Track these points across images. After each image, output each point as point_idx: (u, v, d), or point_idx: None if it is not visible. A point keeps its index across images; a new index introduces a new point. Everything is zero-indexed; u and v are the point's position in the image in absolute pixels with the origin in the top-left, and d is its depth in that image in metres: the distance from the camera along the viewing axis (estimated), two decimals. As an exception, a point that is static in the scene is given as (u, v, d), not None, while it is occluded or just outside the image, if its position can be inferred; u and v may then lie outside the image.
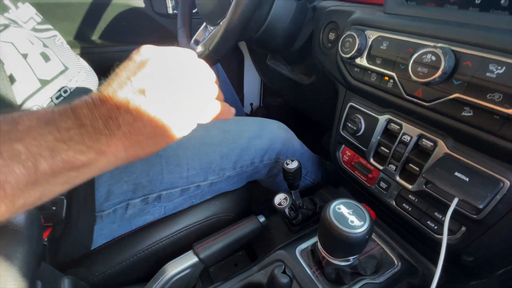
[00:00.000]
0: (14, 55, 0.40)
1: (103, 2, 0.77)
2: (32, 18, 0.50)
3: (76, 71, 0.49)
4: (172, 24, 0.88)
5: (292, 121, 1.13)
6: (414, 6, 0.37)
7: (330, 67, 0.52)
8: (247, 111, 1.22)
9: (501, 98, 0.27)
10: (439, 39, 0.32)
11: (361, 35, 0.41)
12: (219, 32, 0.46)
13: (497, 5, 0.30)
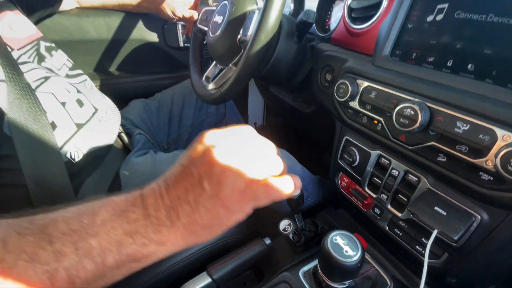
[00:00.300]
0: (54, 104, 0.47)
1: (121, 38, 0.84)
2: (64, 64, 0.57)
3: (104, 111, 0.56)
4: (183, 56, 0.95)
5: (293, 139, 1.19)
6: (397, 62, 0.43)
7: (328, 104, 0.58)
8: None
9: (467, 150, 0.33)
10: (418, 94, 0.39)
11: (353, 83, 0.47)
12: (231, 79, 0.52)
13: (465, 69, 0.36)
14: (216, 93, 0.58)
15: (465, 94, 0.34)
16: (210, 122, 0.90)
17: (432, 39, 0.39)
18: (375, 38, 0.47)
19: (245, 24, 0.55)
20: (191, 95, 0.84)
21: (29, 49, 0.51)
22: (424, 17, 0.40)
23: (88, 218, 0.21)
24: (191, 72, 0.74)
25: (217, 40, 0.60)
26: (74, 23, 0.78)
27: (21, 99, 0.41)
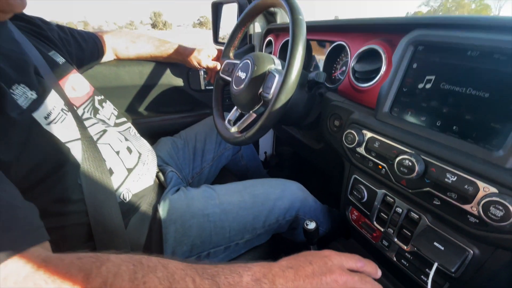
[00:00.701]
0: (111, 154, 0.56)
1: (151, 83, 0.96)
2: (112, 113, 0.67)
3: (146, 155, 0.65)
4: (204, 96, 1.07)
5: (301, 167, 1.27)
6: (396, 118, 0.52)
7: (337, 146, 0.67)
8: (262, 158, 1.37)
9: (456, 197, 0.41)
10: (414, 148, 0.47)
11: (359, 133, 0.56)
12: (255, 128, 0.61)
13: (451, 129, 0.45)
14: (241, 137, 0.67)
15: (452, 151, 0.43)
16: (228, 155, 0.99)
17: (423, 102, 0.48)
18: (376, 95, 0.57)
19: (266, 82, 0.65)
20: (211, 132, 0.94)
21: (87, 105, 0.61)
22: (416, 84, 0.49)
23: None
24: (214, 115, 0.84)
25: (241, 93, 0.71)
26: (112, 72, 0.90)
27: (88, 151, 0.50)
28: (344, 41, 0.71)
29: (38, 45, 0.56)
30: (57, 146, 0.45)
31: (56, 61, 0.58)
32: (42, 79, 0.48)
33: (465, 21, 0.44)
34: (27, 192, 0.37)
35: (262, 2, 0.70)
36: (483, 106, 0.41)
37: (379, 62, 0.58)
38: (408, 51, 0.50)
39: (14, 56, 0.45)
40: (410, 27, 0.52)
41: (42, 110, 0.44)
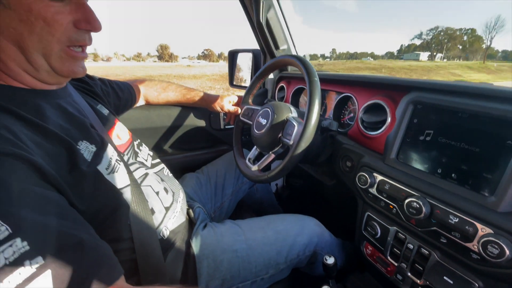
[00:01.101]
0: (152, 194, 0.63)
1: (177, 124, 1.07)
2: (149, 155, 0.76)
3: (177, 193, 0.73)
4: (224, 135, 1.18)
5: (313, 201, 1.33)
6: (402, 164, 0.60)
7: (350, 185, 0.75)
8: (273, 190, 1.43)
9: (459, 236, 0.48)
10: (420, 192, 0.55)
11: (371, 176, 0.64)
12: (277, 169, 0.70)
13: (450, 176, 0.53)
14: (263, 177, 0.75)
15: (453, 195, 0.50)
16: (245, 189, 1.06)
17: (425, 152, 0.57)
18: (383, 142, 0.66)
19: (285, 129, 0.74)
20: (231, 168, 1.02)
21: (129, 150, 0.69)
22: (418, 136, 0.59)
23: None
24: (235, 154, 0.93)
25: (262, 136, 0.80)
26: (144, 115, 1.01)
27: (135, 194, 0.58)
28: (351, 94, 0.82)
29: (88, 100, 0.64)
30: (114, 193, 0.51)
31: (103, 113, 0.66)
32: (98, 133, 0.55)
33: (455, 88, 0.54)
34: None
35: (281, 60, 0.83)
36: (475, 158, 0.50)
37: (384, 114, 0.68)
38: (408, 109, 0.60)
39: (76, 116, 0.52)
40: (408, 88, 0.63)
41: (104, 162, 0.51)
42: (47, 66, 0.44)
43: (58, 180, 0.39)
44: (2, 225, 0.29)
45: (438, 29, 74.40)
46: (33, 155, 0.36)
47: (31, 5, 0.39)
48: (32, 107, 0.44)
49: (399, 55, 77.89)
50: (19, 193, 0.32)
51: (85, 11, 0.45)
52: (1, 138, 0.35)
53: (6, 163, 0.33)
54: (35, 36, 0.41)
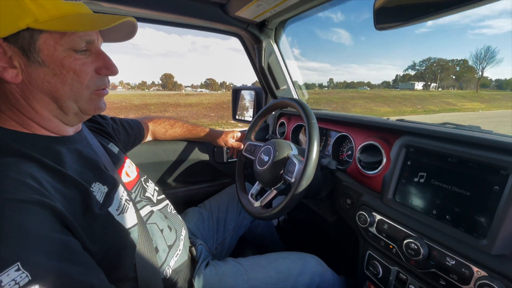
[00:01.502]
0: (157, 232, 0.65)
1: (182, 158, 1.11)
2: (155, 190, 0.78)
3: (180, 231, 0.74)
4: (226, 168, 1.21)
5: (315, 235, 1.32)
6: (399, 204, 0.63)
7: (351, 223, 0.76)
8: (275, 223, 1.43)
9: (457, 278, 0.49)
10: (417, 233, 0.57)
11: (370, 215, 0.66)
12: (280, 206, 0.72)
13: (445, 218, 0.55)
14: (266, 213, 0.77)
15: (448, 237, 0.52)
16: (246, 224, 1.07)
17: (420, 193, 0.60)
18: (380, 181, 0.69)
19: (287, 166, 0.78)
20: (233, 202, 1.04)
21: (137, 186, 0.72)
22: (412, 178, 0.62)
23: None
24: (237, 189, 0.96)
25: (264, 172, 0.83)
26: (151, 150, 1.05)
27: (142, 234, 0.59)
28: (348, 133, 0.87)
29: (100, 140, 0.68)
30: (123, 233, 0.53)
31: (114, 152, 0.69)
32: (109, 173, 0.58)
33: (444, 135, 0.59)
34: None
35: (281, 102, 0.89)
36: (467, 202, 0.52)
37: (380, 155, 0.72)
38: (402, 152, 0.64)
39: (90, 158, 0.56)
40: (401, 132, 0.68)
41: (115, 203, 0.53)
42: (77, 108, 0.50)
43: (74, 224, 0.42)
44: (23, 272, 0.32)
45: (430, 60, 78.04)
46: (54, 202, 0.40)
47: (63, 60, 0.45)
48: (53, 153, 0.48)
49: (395, 85, 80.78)
50: (39, 240, 0.35)
51: (104, 59, 0.51)
52: (27, 186, 0.38)
53: (31, 210, 0.36)
54: (67, 86, 0.47)
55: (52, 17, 0.43)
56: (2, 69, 0.43)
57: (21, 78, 0.44)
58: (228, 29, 1.07)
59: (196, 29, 1.07)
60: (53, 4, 0.43)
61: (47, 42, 0.43)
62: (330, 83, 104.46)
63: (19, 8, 0.41)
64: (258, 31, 1.05)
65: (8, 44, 0.42)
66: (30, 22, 0.41)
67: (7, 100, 0.46)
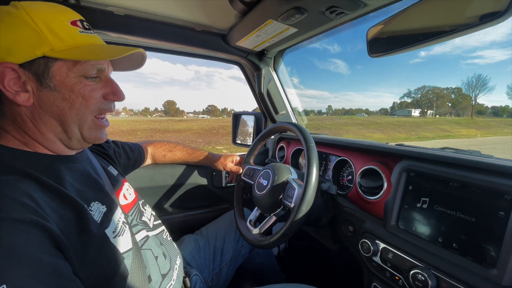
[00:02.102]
0: (151, 259, 0.62)
1: (180, 183, 1.10)
2: (152, 215, 0.76)
3: (175, 259, 0.71)
4: (225, 193, 1.19)
5: (317, 265, 1.26)
6: (403, 231, 0.61)
7: (354, 251, 0.73)
8: (275, 252, 1.37)
9: (470, 314, 0.46)
10: (424, 262, 0.54)
11: (373, 243, 0.63)
12: (279, 234, 0.69)
13: (451, 246, 0.53)
14: (264, 241, 0.74)
15: (457, 267, 0.49)
16: (245, 253, 1.02)
17: (424, 220, 0.58)
18: (382, 207, 0.67)
19: (286, 191, 0.76)
20: (231, 229, 1.00)
21: (134, 210, 0.70)
22: (415, 203, 0.60)
23: None
24: (235, 215, 0.93)
25: (263, 197, 0.82)
26: (149, 174, 1.04)
27: (136, 260, 0.56)
28: (348, 158, 0.87)
29: (101, 162, 0.68)
30: (117, 257, 0.51)
31: (113, 174, 0.69)
32: (108, 194, 0.58)
33: (444, 159, 0.58)
34: None
35: (281, 126, 0.90)
36: (472, 228, 0.50)
37: (380, 179, 0.71)
38: (402, 176, 0.63)
39: (91, 177, 0.56)
40: (400, 156, 0.68)
41: (112, 225, 0.52)
42: (79, 135, 0.51)
43: (67, 246, 0.40)
44: None
45: (425, 89, 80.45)
46: (49, 222, 0.39)
47: (73, 86, 0.47)
48: (53, 172, 0.48)
49: (392, 112, 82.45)
50: (29, 263, 0.34)
51: (112, 85, 0.53)
52: (23, 205, 0.38)
53: (24, 230, 0.36)
54: (74, 110, 0.48)
55: (67, 47, 0.45)
56: (15, 92, 0.44)
57: (32, 102, 0.46)
58: (229, 57, 1.11)
59: (200, 57, 1.12)
60: (69, 35, 0.46)
61: (60, 69, 0.46)
62: (329, 109, 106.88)
63: (37, 38, 0.43)
64: (258, 60, 1.09)
65: (23, 70, 0.44)
66: (47, 51, 0.44)
67: (14, 121, 0.47)
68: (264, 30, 0.81)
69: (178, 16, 0.86)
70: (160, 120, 27.72)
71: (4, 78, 0.43)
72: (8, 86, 0.44)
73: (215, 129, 17.31)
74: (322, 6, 0.62)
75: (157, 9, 0.82)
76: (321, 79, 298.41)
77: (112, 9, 0.79)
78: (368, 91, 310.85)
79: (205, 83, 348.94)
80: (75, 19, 0.49)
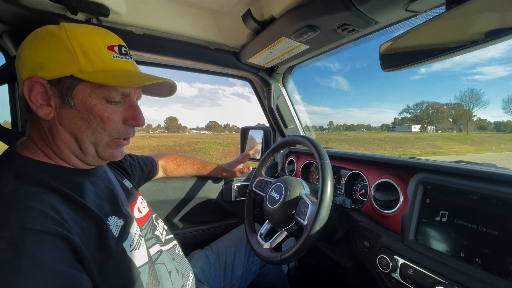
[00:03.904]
0: (165, 275, 0.60)
1: (190, 197, 1.09)
2: (164, 229, 0.75)
3: (187, 275, 0.69)
4: (234, 207, 1.18)
5: (330, 284, 1.21)
6: (422, 246, 0.59)
7: (371, 268, 0.71)
8: (285, 270, 1.33)
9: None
10: (447, 278, 0.52)
11: (392, 259, 0.62)
12: (291, 251, 0.67)
13: (475, 261, 0.51)
14: (276, 258, 0.72)
15: (481, 283, 0.48)
16: (255, 270, 0.99)
17: (443, 234, 0.57)
18: (399, 221, 0.66)
19: (299, 206, 0.75)
20: (241, 245, 0.98)
21: (148, 223, 0.69)
22: (433, 217, 0.59)
23: None
24: (246, 228, 0.92)
25: (275, 212, 0.81)
26: (159, 188, 1.04)
27: (151, 275, 0.55)
28: (361, 171, 0.86)
29: (117, 175, 0.69)
30: (134, 272, 0.50)
31: (128, 187, 0.70)
32: (124, 208, 0.58)
33: (460, 171, 0.58)
34: None
35: (293, 139, 0.90)
36: (496, 242, 0.49)
37: (396, 193, 0.71)
38: (419, 189, 0.63)
39: (109, 192, 0.57)
40: (415, 169, 0.67)
41: (129, 239, 0.52)
42: (94, 152, 0.51)
43: (88, 259, 0.41)
44: None
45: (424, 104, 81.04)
46: (72, 234, 0.39)
47: (93, 107, 0.48)
48: (75, 185, 0.49)
49: (393, 128, 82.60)
50: (53, 276, 0.35)
51: (135, 110, 0.53)
52: (48, 217, 0.38)
53: (48, 242, 0.36)
54: (90, 129, 0.49)
55: (95, 70, 0.47)
56: (39, 105, 0.46)
57: (52, 116, 0.47)
58: (240, 74, 1.15)
59: (211, 74, 1.16)
60: (101, 59, 0.47)
61: (84, 90, 0.47)
62: (330, 125, 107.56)
63: (70, 58, 0.45)
64: (268, 76, 1.12)
65: (51, 86, 0.46)
66: (75, 71, 0.45)
67: (38, 131, 0.48)
68: (276, 47, 0.84)
69: (193, 35, 0.89)
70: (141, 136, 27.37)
71: (32, 91, 0.45)
72: (35, 99, 0.45)
73: (180, 145, 16.85)
74: (334, 24, 0.65)
75: (174, 29, 0.86)
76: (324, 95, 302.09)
77: (131, 29, 0.83)
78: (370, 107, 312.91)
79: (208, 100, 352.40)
80: (114, 44, 0.50)
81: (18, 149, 0.48)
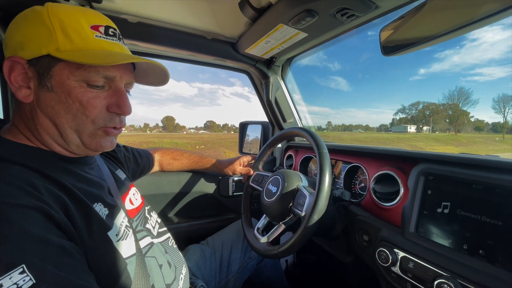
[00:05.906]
0: (155, 268, 0.58)
1: (185, 191, 1.07)
2: (157, 222, 0.73)
3: (180, 268, 0.67)
4: (231, 202, 1.16)
5: (328, 280, 1.20)
6: (423, 238, 0.57)
7: (370, 263, 0.69)
8: (283, 266, 1.31)
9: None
10: (449, 271, 0.50)
11: (392, 252, 0.60)
12: (288, 244, 0.65)
13: (478, 253, 0.49)
14: (273, 251, 0.70)
15: (485, 275, 0.46)
16: (252, 266, 0.97)
17: (445, 226, 0.55)
18: (399, 213, 0.64)
19: (296, 198, 0.74)
20: (238, 240, 0.96)
21: (140, 215, 0.67)
22: (435, 208, 0.57)
23: None
24: (243, 222, 0.90)
25: (272, 205, 0.79)
26: (154, 182, 1.02)
27: (139, 267, 0.53)
28: (360, 164, 0.84)
29: (109, 165, 0.67)
30: (119, 262, 0.48)
31: (120, 178, 0.68)
32: (112, 198, 0.56)
33: (462, 160, 0.56)
34: None
35: (291, 132, 0.88)
36: (500, 232, 0.47)
37: (396, 185, 0.69)
38: (420, 180, 0.61)
39: (96, 179, 0.55)
40: (416, 160, 0.65)
41: (114, 228, 0.50)
42: (79, 141, 0.48)
43: (74, 235, 0.40)
44: (28, 275, 0.31)
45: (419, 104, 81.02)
46: (55, 210, 0.39)
47: (71, 90, 0.45)
48: (57, 168, 0.47)
49: (390, 128, 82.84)
50: (42, 244, 0.34)
51: (120, 96, 0.49)
52: (29, 193, 0.37)
53: (32, 215, 0.36)
54: (70, 115, 0.46)
55: (74, 49, 0.44)
56: (19, 87, 0.44)
57: (31, 99, 0.45)
58: (237, 66, 1.12)
59: (208, 65, 1.13)
60: (81, 38, 0.44)
61: (62, 71, 0.44)
62: (329, 126, 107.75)
63: (48, 36, 0.43)
64: (266, 68, 1.10)
65: (30, 67, 0.44)
66: (52, 50, 0.43)
67: (20, 115, 0.47)
68: (274, 35, 0.82)
69: (189, 24, 0.87)
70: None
71: (12, 72, 0.43)
72: (14, 80, 0.44)
73: (157, 145, 16.52)
74: (333, 8, 0.63)
75: (169, 18, 0.84)
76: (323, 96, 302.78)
77: (126, 17, 0.81)
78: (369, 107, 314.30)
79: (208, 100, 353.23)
80: (100, 24, 0.47)
81: (2, 133, 0.47)
